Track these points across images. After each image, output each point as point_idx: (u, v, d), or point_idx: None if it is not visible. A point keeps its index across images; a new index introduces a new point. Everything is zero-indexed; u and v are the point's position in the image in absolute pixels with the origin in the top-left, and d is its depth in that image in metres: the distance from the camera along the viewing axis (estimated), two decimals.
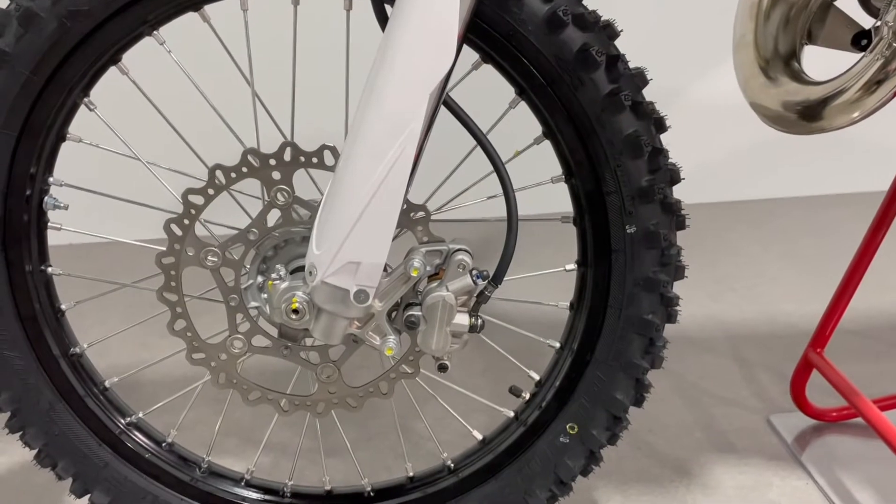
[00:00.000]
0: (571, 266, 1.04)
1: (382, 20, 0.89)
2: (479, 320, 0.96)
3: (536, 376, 1.10)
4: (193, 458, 1.13)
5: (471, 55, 0.95)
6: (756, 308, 1.90)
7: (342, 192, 0.87)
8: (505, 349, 1.12)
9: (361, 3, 0.94)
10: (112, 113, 1.01)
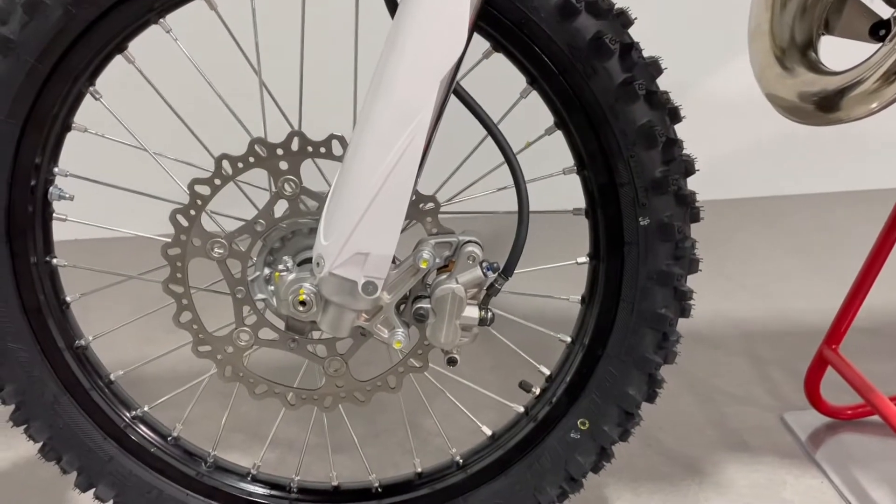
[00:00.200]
0: (583, 259, 1.03)
1: (392, 6, 0.87)
2: (489, 313, 0.94)
3: (547, 371, 1.08)
4: (199, 452, 1.12)
5: (481, 44, 0.93)
6: (768, 305, 1.88)
7: (350, 182, 0.85)
8: (515, 343, 1.11)
9: None
10: (118, 102, 1.00)
